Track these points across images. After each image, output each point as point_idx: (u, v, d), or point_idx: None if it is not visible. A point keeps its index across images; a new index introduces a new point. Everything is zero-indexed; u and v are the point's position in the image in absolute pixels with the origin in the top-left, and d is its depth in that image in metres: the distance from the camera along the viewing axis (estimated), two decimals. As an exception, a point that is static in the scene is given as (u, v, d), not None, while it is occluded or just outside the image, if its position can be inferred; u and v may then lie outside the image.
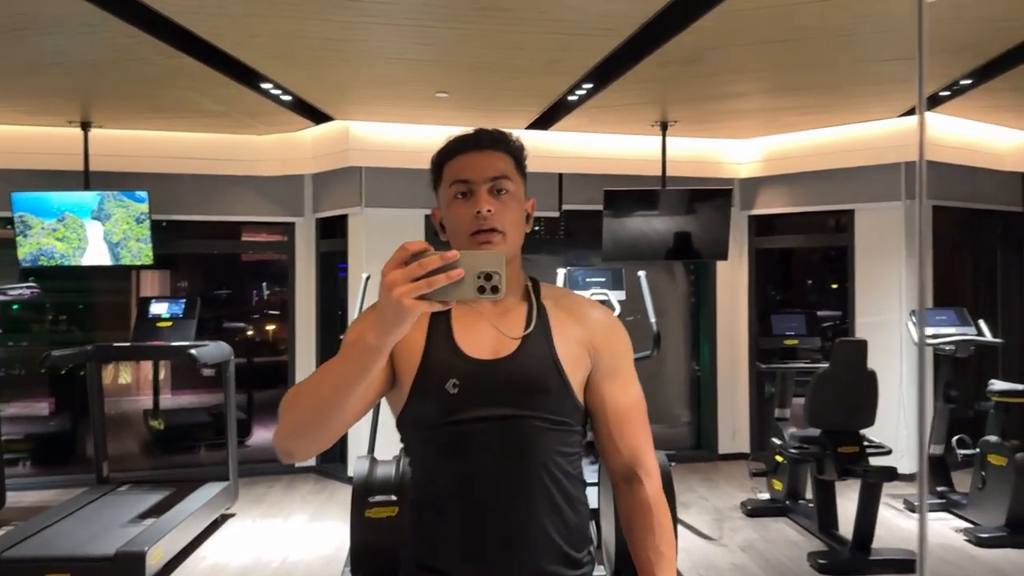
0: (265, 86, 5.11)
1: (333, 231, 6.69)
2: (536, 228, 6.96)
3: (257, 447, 7.13)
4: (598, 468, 4.36)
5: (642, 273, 5.29)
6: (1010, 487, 4.77)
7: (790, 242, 7.55)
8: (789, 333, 5.73)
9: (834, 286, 8.48)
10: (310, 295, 6.78)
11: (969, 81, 5.14)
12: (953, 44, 4.42)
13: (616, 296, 5.14)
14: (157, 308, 5.59)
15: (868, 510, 4.49)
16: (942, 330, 5.46)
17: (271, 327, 8.24)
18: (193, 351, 4.99)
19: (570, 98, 5.41)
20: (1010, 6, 3.86)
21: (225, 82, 4.93)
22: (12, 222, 5.84)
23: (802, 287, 8.50)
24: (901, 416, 6.11)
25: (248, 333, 8.20)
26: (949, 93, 5.43)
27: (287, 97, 5.41)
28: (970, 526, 5.03)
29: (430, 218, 1.53)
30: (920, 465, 2.06)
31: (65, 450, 6.94)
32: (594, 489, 4.47)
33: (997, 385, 5.14)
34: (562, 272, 5.24)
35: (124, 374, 8.12)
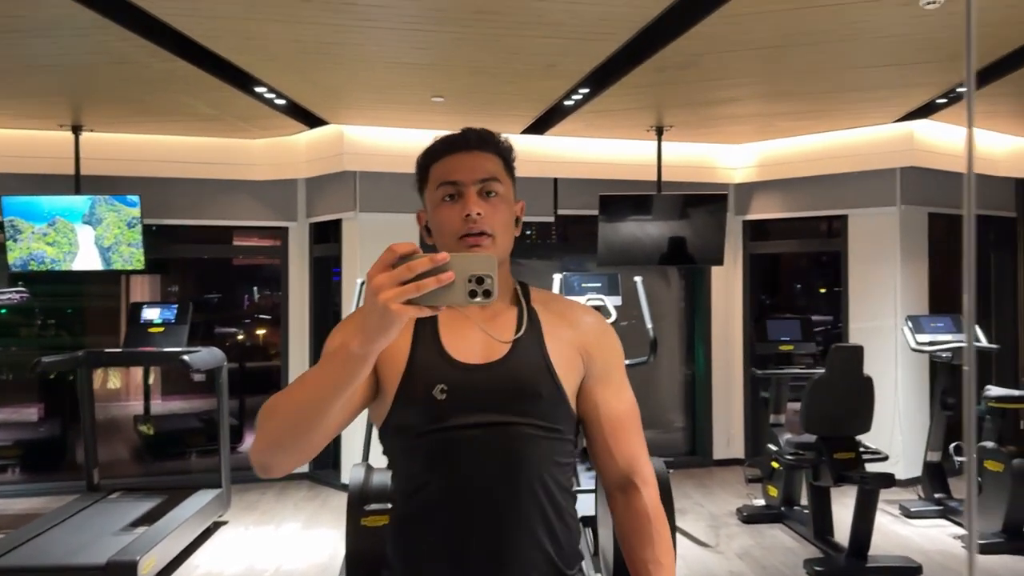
0: (259, 90, 5.08)
1: (327, 236, 6.64)
2: (527, 233, 7.04)
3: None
4: (595, 474, 4.33)
5: (638, 278, 5.28)
6: (1007, 493, 4.77)
7: (784, 247, 7.55)
8: (784, 338, 5.72)
9: (822, 290, 8.50)
10: (303, 300, 6.73)
11: (966, 88, 5.13)
12: (949, 51, 4.42)
13: (612, 301, 5.13)
14: (149, 313, 5.54)
15: (864, 517, 4.48)
16: (938, 337, 5.45)
17: (263, 332, 8.19)
18: (186, 357, 4.94)
19: (566, 103, 5.39)
20: (1007, 14, 3.86)
21: (219, 86, 4.89)
22: (2, 227, 5.78)
23: (791, 291, 8.51)
24: (896, 421, 6.11)
25: (239, 338, 8.15)
26: (946, 100, 5.44)
27: (281, 101, 5.37)
28: (967, 532, 5.02)
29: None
30: (968, 492, 1.94)
31: (55, 456, 6.86)
32: (591, 496, 4.45)
33: (993, 391, 5.14)
34: (558, 277, 5.23)
35: (113, 379, 8.05)
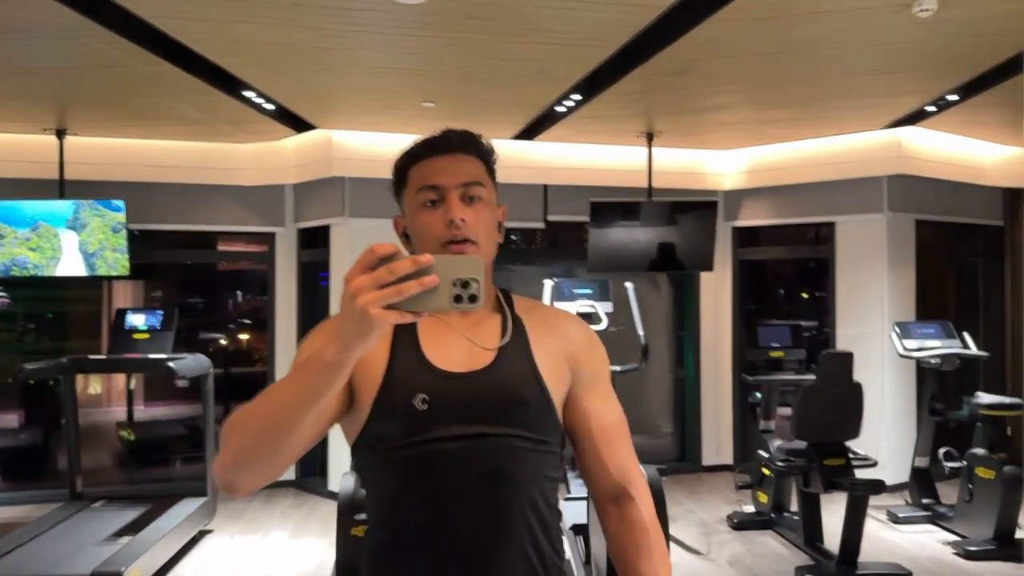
0: (247, 94, 5.02)
1: (315, 241, 6.59)
2: (512, 238, 7.01)
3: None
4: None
5: (629, 285, 5.26)
6: (998, 500, 4.77)
7: (773, 254, 7.56)
8: (775, 345, 5.72)
9: (804, 295, 8.52)
10: (290, 306, 6.67)
11: (955, 96, 5.17)
12: (941, 59, 4.44)
13: (603, 308, 5.11)
14: (133, 320, 5.47)
15: (854, 523, 4.47)
16: (928, 343, 5.47)
17: (250, 337, 8.11)
18: (172, 364, 4.87)
19: (557, 109, 5.37)
20: (999, 24, 3.88)
21: (206, 90, 4.84)
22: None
23: (775, 297, 8.53)
24: (882, 427, 6.12)
25: (224, 343, 8.06)
26: (935, 108, 5.46)
27: (270, 105, 5.32)
28: (958, 539, 5.03)
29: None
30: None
31: (36, 464, 6.76)
32: (582, 504, 4.42)
33: (984, 398, 5.15)
34: (549, 283, 5.20)
35: (95, 384, 7.94)
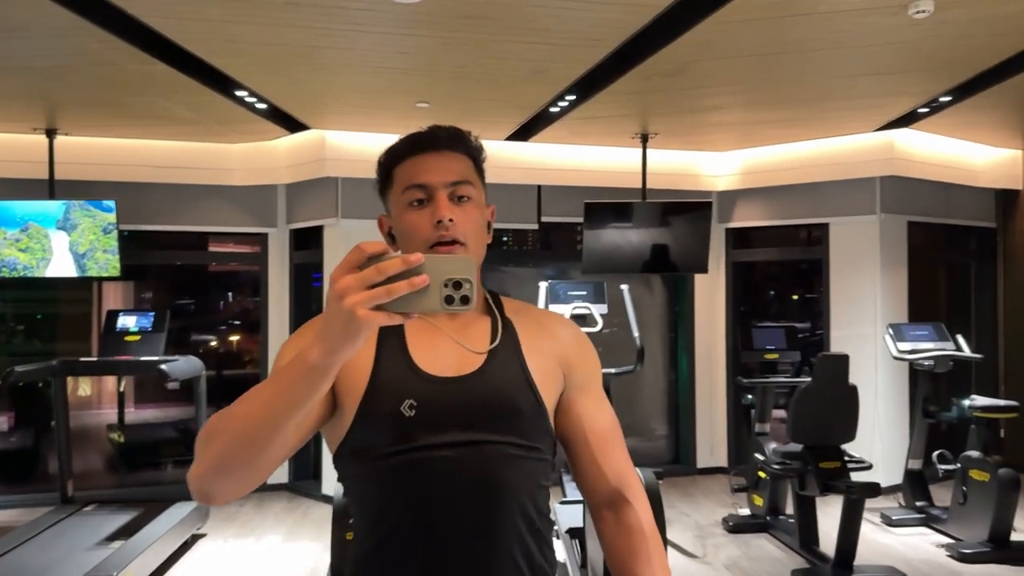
0: (240, 94, 4.98)
1: (308, 242, 6.55)
2: (504, 239, 6.99)
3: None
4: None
5: (625, 287, 5.25)
6: (992, 502, 4.77)
7: (767, 255, 7.55)
8: (770, 347, 5.72)
9: (795, 297, 8.52)
10: (283, 307, 6.63)
11: (949, 98, 5.17)
12: (936, 61, 4.44)
13: (598, 310, 5.09)
14: (125, 321, 5.42)
15: (850, 526, 4.46)
16: (921, 345, 5.47)
17: (242, 339, 8.05)
18: (164, 366, 4.83)
19: (552, 109, 5.35)
20: (994, 25, 3.88)
21: (199, 89, 4.79)
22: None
23: (766, 299, 8.54)
24: (876, 429, 6.12)
25: (215, 345, 8.00)
26: (928, 110, 5.47)
27: (262, 105, 5.28)
28: (952, 541, 5.03)
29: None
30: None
31: (26, 467, 6.69)
32: (578, 507, 4.40)
33: (978, 400, 5.16)
34: (544, 285, 5.18)
35: (84, 386, 7.87)
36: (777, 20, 3.77)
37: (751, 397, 6.86)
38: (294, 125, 5.92)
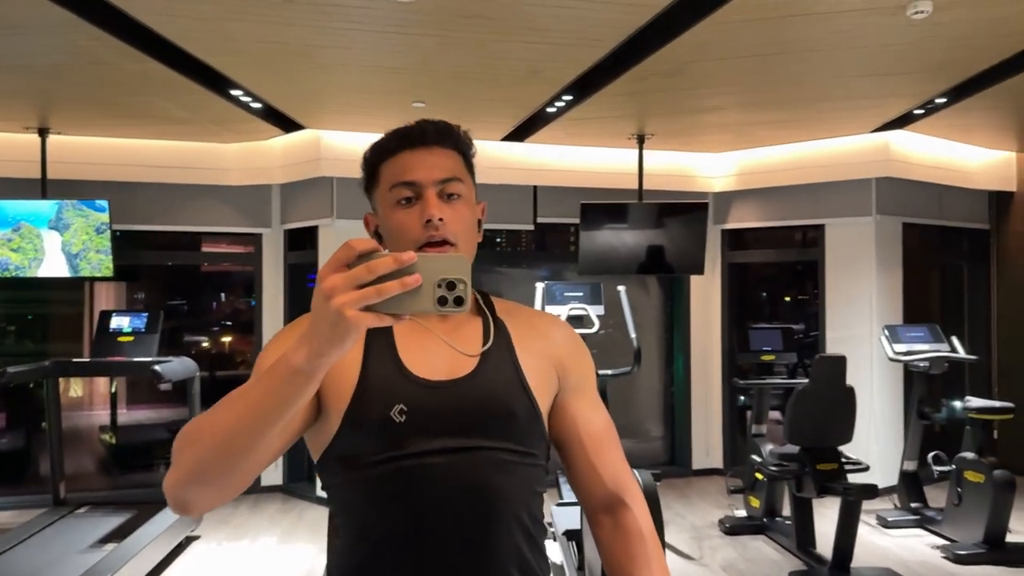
0: (235, 93, 4.95)
1: (302, 243, 6.52)
2: (498, 240, 6.97)
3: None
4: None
5: (622, 288, 5.24)
6: (987, 503, 4.78)
7: (763, 256, 7.56)
8: (766, 348, 5.71)
9: (787, 299, 8.53)
10: (278, 307, 6.59)
11: (944, 100, 5.18)
12: (932, 62, 4.44)
13: (595, 311, 5.08)
14: (118, 322, 5.38)
15: (848, 528, 4.46)
16: (916, 347, 5.47)
17: (235, 340, 8.01)
18: (157, 367, 4.79)
19: (548, 110, 5.33)
20: (992, 27, 3.88)
21: (193, 88, 4.76)
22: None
23: (759, 301, 8.54)
24: (871, 431, 6.12)
25: (208, 346, 7.96)
26: (924, 111, 5.47)
27: (257, 104, 5.25)
28: (947, 543, 5.04)
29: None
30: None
31: (17, 469, 6.64)
32: (575, 509, 4.38)
33: (974, 402, 5.16)
34: (540, 286, 5.16)
35: (75, 387, 7.82)
36: (776, 20, 3.76)
37: (744, 399, 6.87)
38: (289, 125, 5.89)
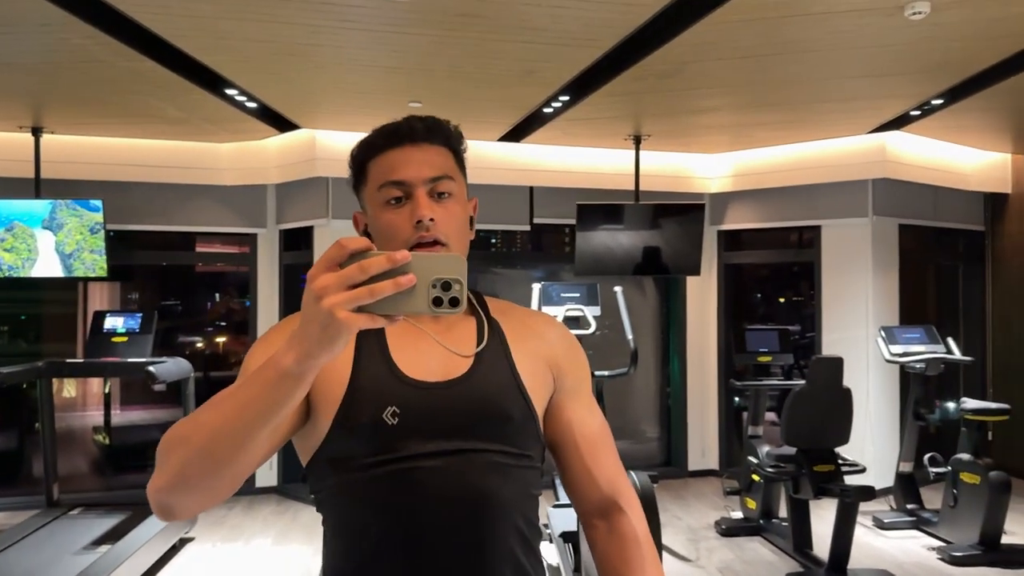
0: (230, 92, 4.93)
1: (298, 243, 6.50)
2: (493, 241, 6.95)
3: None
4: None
5: (618, 289, 5.23)
6: (983, 505, 4.78)
7: (759, 258, 7.56)
8: (763, 350, 5.70)
9: (781, 300, 8.54)
10: (272, 308, 6.57)
11: (940, 101, 5.18)
12: (929, 63, 4.44)
13: (591, 312, 5.07)
14: (112, 322, 5.35)
15: (844, 530, 4.45)
16: (912, 348, 5.47)
17: (229, 340, 7.98)
18: (151, 368, 4.76)
19: (545, 110, 5.32)
20: (989, 28, 3.88)
21: (188, 87, 4.73)
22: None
23: (754, 302, 8.56)
24: (867, 432, 6.12)
25: (203, 347, 7.93)
26: (920, 113, 5.47)
27: (252, 104, 5.23)
28: (943, 544, 5.04)
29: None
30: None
31: (10, 470, 6.60)
32: (572, 510, 4.37)
33: (969, 403, 5.16)
34: (537, 287, 5.15)
35: (68, 388, 7.78)
36: (773, 21, 3.75)
37: (739, 400, 6.86)
38: (284, 124, 5.87)
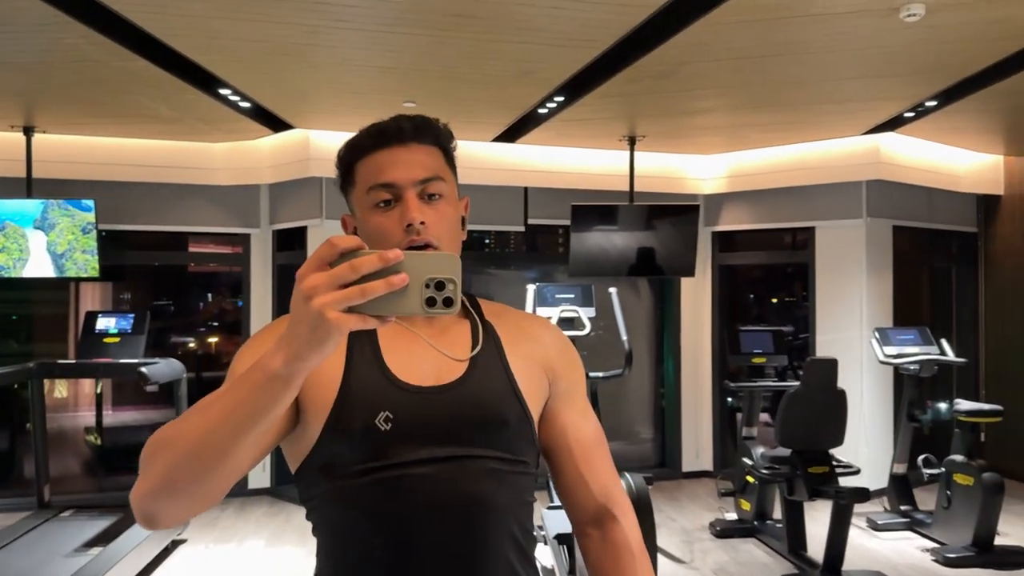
0: (224, 92, 4.90)
1: (291, 243, 6.47)
2: (486, 242, 6.93)
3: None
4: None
5: (613, 290, 5.22)
6: (976, 506, 4.79)
7: (753, 259, 7.56)
8: (757, 351, 5.71)
9: (774, 301, 8.54)
10: (266, 308, 6.54)
11: (934, 103, 5.19)
12: (923, 65, 4.44)
13: (586, 313, 5.06)
14: (104, 323, 5.32)
15: (839, 532, 4.46)
16: (906, 349, 5.48)
17: (221, 341, 7.95)
18: (144, 369, 4.73)
19: (540, 111, 5.31)
20: (983, 30, 3.88)
21: (181, 87, 4.71)
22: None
23: (747, 303, 8.56)
24: (861, 433, 6.13)
25: (195, 348, 7.89)
26: (914, 114, 5.48)
27: (246, 104, 5.20)
28: (936, 545, 5.04)
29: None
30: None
31: (1, 471, 6.55)
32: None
33: (963, 405, 5.17)
34: (531, 288, 5.14)
35: (59, 388, 7.73)
36: (769, 22, 3.75)
37: (734, 401, 6.86)
38: (278, 124, 5.85)
